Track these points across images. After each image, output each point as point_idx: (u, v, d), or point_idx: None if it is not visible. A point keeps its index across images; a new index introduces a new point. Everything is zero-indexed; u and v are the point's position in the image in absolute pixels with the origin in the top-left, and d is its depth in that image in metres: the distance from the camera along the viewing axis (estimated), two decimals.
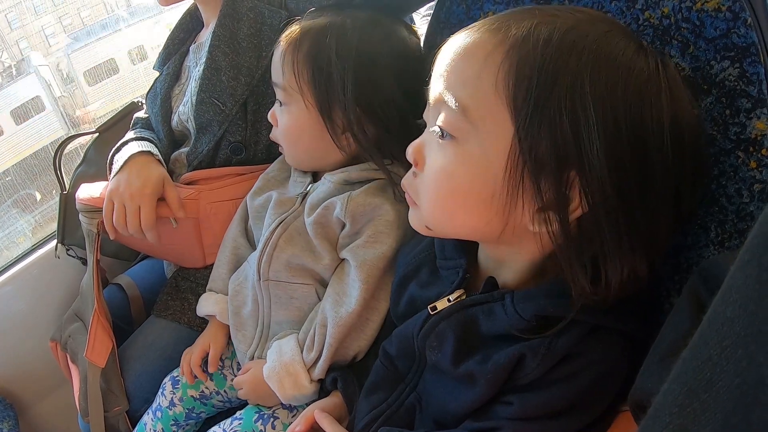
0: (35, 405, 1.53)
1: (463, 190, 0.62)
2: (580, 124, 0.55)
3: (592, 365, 0.61)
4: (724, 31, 0.64)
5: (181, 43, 1.35)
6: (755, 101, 0.63)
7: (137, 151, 1.18)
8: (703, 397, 0.29)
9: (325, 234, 0.93)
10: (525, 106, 0.56)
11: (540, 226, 0.60)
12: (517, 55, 0.57)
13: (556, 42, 0.56)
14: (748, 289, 0.29)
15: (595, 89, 0.55)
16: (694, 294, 0.56)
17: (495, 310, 0.65)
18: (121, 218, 1.11)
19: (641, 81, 0.57)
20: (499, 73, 0.58)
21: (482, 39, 0.60)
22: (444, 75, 0.62)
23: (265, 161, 1.16)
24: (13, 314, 1.48)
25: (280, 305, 0.98)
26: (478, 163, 0.60)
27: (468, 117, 0.60)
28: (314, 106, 0.91)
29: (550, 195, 0.58)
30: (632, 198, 0.57)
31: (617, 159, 0.56)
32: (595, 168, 0.55)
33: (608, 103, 0.55)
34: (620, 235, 0.58)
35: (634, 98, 0.56)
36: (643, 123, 0.56)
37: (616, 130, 0.56)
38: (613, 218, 0.57)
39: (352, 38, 0.89)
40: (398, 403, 0.75)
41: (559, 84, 0.56)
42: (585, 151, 0.55)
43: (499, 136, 0.58)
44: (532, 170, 0.57)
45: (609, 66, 0.56)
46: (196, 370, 1.10)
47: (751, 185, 0.64)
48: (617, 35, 0.59)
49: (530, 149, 0.57)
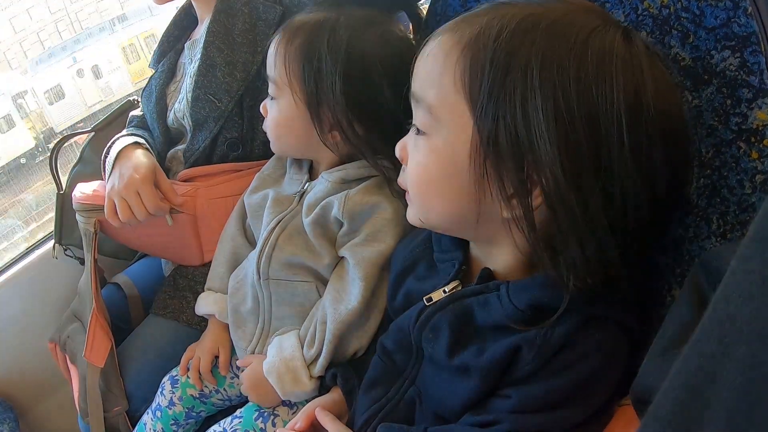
0: (35, 406, 1.53)
1: (436, 179, 0.65)
2: (530, 112, 0.56)
3: (590, 355, 0.61)
4: (724, 21, 0.64)
5: (175, 40, 1.35)
6: (756, 91, 0.62)
7: (123, 146, 1.18)
8: (706, 395, 0.29)
9: (324, 234, 0.93)
10: (480, 98, 0.59)
11: (508, 213, 0.61)
12: (471, 51, 0.60)
13: (508, 33, 0.58)
14: (750, 285, 0.28)
15: (546, 75, 0.56)
16: (696, 286, 0.56)
17: (490, 301, 0.66)
18: (126, 211, 1.11)
19: (596, 61, 0.57)
20: (456, 70, 0.61)
21: (443, 39, 0.63)
22: (417, 75, 0.66)
23: (262, 157, 1.15)
24: (11, 315, 1.48)
25: (281, 302, 0.98)
26: (446, 156, 0.63)
27: (434, 114, 0.63)
28: (302, 101, 0.91)
29: (512, 183, 0.59)
30: (588, 180, 0.57)
31: (571, 146, 0.56)
32: (546, 153, 0.56)
33: (559, 89, 0.56)
34: (575, 221, 0.58)
35: (587, 80, 0.56)
36: (597, 107, 0.56)
37: (568, 113, 0.56)
38: (568, 205, 0.57)
39: (343, 35, 0.88)
40: (398, 397, 0.75)
41: (510, 74, 0.57)
42: (536, 138, 0.56)
43: (461, 129, 0.61)
44: (493, 160, 0.60)
45: (560, 49, 0.57)
46: (207, 376, 1.10)
47: (752, 176, 0.63)
48: (578, 15, 0.59)
49: (488, 139, 0.59)
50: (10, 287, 1.48)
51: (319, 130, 0.91)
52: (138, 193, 1.11)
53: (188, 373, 1.11)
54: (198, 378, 1.10)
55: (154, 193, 1.12)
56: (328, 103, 0.89)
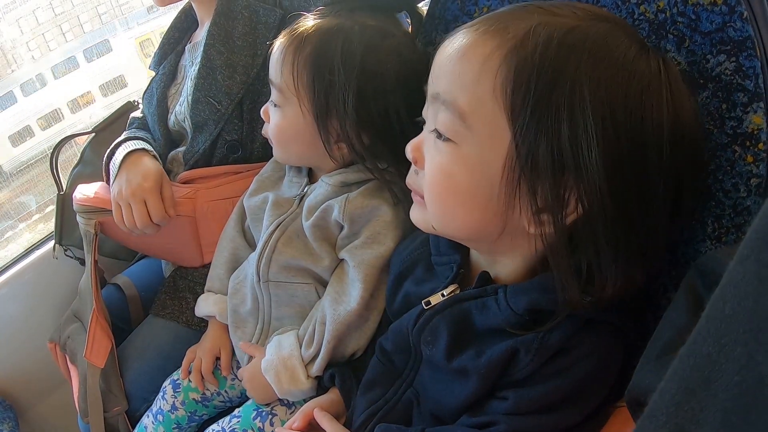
0: (35, 406, 1.53)
1: (462, 190, 0.61)
2: (578, 131, 0.54)
3: (586, 359, 0.62)
4: (719, 25, 0.64)
5: (176, 43, 1.35)
6: (752, 95, 0.62)
7: (130, 150, 1.18)
8: (701, 396, 0.29)
9: (324, 237, 0.93)
10: (523, 113, 0.56)
11: (536, 228, 0.59)
12: (515, 60, 0.56)
13: (555, 45, 0.55)
14: (747, 286, 0.28)
15: (594, 94, 0.54)
16: (692, 289, 0.56)
17: (488, 305, 0.66)
18: (130, 218, 1.11)
19: (642, 85, 0.56)
20: (497, 78, 0.57)
21: (480, 41, 0.59)
22: (442, 76, 0.62)
23: (262, 159, 1.15)
24: (11, 316, 1.48)
25: (280, 304, 0.98)
26: (475, 166, 0.60)
27: (465, 121, 0.59)
28: (310, 112, 0.89)
29: (545, 199, 0.57)
30: (630, 204, 0.56)
31: (615, 165, 0.55)
32: (592, 174, 0.55)
33: (607, 108, 0.54)
34: (617, 243, 0.57)
35: (634, 103, 0.55)
36: (644, 129, 0.56)
37: (615, 136, 0.55)
38: (610, 225, 0.56)
39: (357, 48, 0.86)
40: (395, 398, 0.75)
41: (557, 89, 0.55)
42: (582, 157, 0.55)
43: (496, 141, 0.58)
44: (529, 175, 0.57)
45: (609, 70, 0.55)
46: (209, 377, 1.09)
47: (747, 179, 0.63)
48: (619, 36, 0.58)
49: (527, 155, 0.56)
50: (10, 287, 1.48)
51: (326, 141, 0.90)
52: (144, 202, 1.11)
53: (189, 376, 1.11)
54: (200, 380, 1.10)
55: (161, 203, 1.12)
56: (338, 116, 0.87)
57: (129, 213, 1.11)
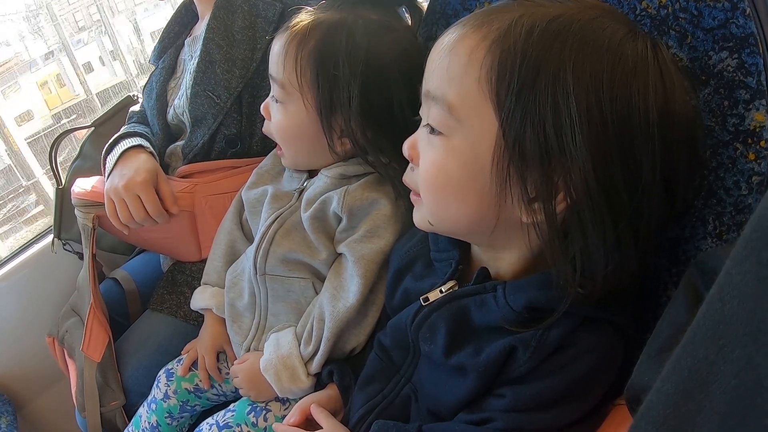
0: (33, 400, 1.53)
1: (455, 182, 0.62)
2: (562, 116, 0.55)
3: (584, 356, 0.61)
4: (722, 21, 0.63)
5: (176, 37, 1.35)
6: (754, 92, 0.62)
7: (128, 147, 1.18)
8: (699, 398, 0.29)
9: (322, 229, 0.93)
10: (508, 101, 0.57)
11: (528, 217, 0.60)
12: (498, 50, 0.57)
13: (539, 33, 0.56)
14: (746, 286, 0.28)
15: (579, 79, 0.55)
16: (692, 287, 0.56)
17: (487, 302, 0.66)
18: (125, 212, 1.11)
19: (628, 69, 0.56)
20: (481, 69, 0.58)
21: (466, 35, 0.60)
22: (432, 72, 0.63)
23: (261, 154, 1.15)
24: (10, 310, 1.48)
25: (277, 298, 0.98)
26: (466, 158, 0.61)
27: (454, 114, 0.60)
28: (314, 107, 0.88)
29: (536, 187, 0.58)
30: (617, 191, 0.56)
31: (602, 151, 0.55)
32: (577, 160, 0.55)
33: (592, 93, 0.55)
34: (604, 229, 0.57)
35: (620, 87, 0.55)
36: (630, 113, 0.56)
37: (600, 119, 0.55)
38: (597, 211, 0.56)
39: (362, 43, 0.85)
40: (393, 394, 0.75)
41: (541, 76, 0.55)
42: (566, 142, 0.55)
43: (485, 131, 0.59)
44: (517, 164, 0.58)
45: (593, 54, 0.56)
46: (214, 373, 1.09)
47: (749, 177, 0.63)
48: (606, 20, 0.58)
49: (514, 143, 0.57)
50: (9, 281, 1.48)
51: (329, 137, 0.89)
52: (138, 197, 1.10)
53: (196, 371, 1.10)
54: (207, 377, 1.09)
55: (155, 197, 1.12)
56: (342, 111, 0.87)
57: (123, 207, 1.11)
